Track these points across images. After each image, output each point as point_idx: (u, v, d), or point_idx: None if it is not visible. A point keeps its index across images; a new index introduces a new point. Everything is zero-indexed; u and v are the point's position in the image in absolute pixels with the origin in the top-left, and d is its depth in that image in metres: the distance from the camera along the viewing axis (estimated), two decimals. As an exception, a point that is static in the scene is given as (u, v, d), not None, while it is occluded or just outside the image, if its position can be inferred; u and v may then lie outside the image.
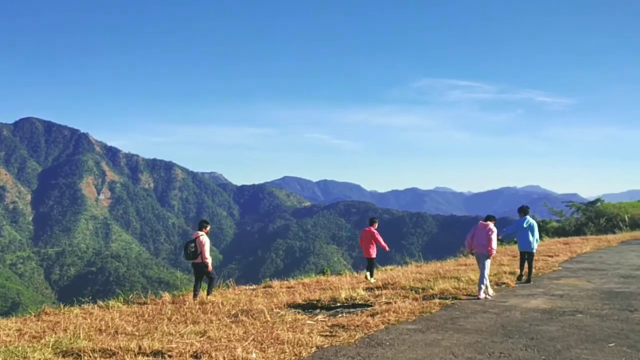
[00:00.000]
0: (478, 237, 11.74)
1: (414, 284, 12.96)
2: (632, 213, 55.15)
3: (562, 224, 51.33)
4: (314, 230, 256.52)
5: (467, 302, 10.65)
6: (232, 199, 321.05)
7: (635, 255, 19.30)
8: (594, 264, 16.98)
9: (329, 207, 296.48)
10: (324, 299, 11.41)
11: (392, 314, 9.37)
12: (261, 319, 9.52)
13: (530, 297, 11.12)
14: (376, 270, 18.31)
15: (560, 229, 47.10)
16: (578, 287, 12.25)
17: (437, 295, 11.14)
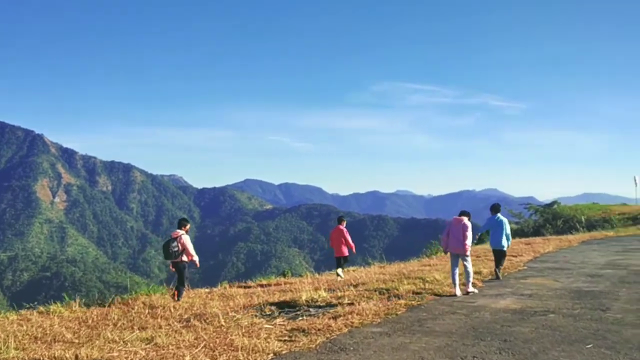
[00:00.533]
0: (453, 235, 11.50)
1: (378, 284, 12.41)
2: (588, 215, 56.18)
3: (521, 226, 51.81)
4: (276, 233, 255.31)
5: (434, 302, 10.13)
6: (193, 202, 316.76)
7: (597, 254, 19.20)
8: (558, 263, 16.75)
9: (291, 210, 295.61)
10: (284, 302, 10.77)
11: (356, 316, 8.76)
12: (215, 323, 8.80)
13: (498, 297, 10.68)
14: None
15: (520, 231, 47.50)
16: (546, 287, 11.88)
17: (402, 296, 10.60)
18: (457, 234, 11.42)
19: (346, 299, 10.63)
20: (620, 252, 19.75)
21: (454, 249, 11.51)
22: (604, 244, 24.01)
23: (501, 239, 13.36)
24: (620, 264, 16.03)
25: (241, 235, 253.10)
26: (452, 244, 11.53)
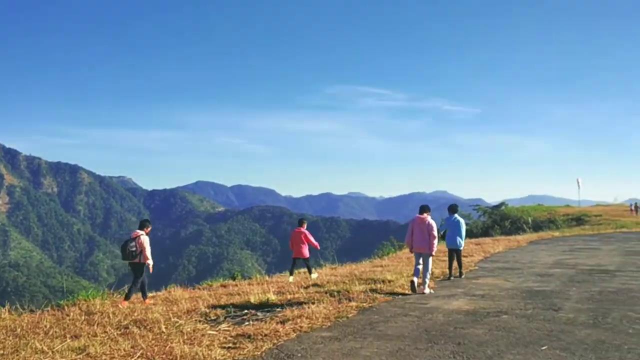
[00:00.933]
0: (417, 234, 11.42)
1: (329, 286, 12.06)
2: (534, 216, 57.62)
3: (470, 227, 52.61)
4: (228, 235, 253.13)
5: (386, 304, 9.83)
6: (143, 204, 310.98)
7: (546, 254, 19.40)
8: (508, 263, 16.79)
9: (243, 212, 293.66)
10: (231, 305, 10.28)
11: (305, 320, 8.37)
12: (155, 330, 8.25)
13: (451, 298, 10.46)
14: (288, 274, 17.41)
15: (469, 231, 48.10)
16: (498, 287, 11.77)
17: (353, 298, 10.26)
18: (422, 233, 11.34)
19: (295, 302, 10.25)
20: (567, 252, 20.03)
21: (419, 248, 11.44)
22: (552, 244, 24.38)
23: (458, 238, 13.49)
24: (568, 263, 16.17)
25: (192, 237, 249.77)
26: (417, 244, 11.46)
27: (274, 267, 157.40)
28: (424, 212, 11.72)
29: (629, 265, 15.27)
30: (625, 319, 8.10)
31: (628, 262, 16.20)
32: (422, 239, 11.34)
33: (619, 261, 16.49)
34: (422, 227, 11.38)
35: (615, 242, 24.07)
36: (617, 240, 25.26)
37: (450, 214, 13.90)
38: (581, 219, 52.86)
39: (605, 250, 20.23)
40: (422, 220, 11.46)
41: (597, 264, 15.75)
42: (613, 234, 31.19)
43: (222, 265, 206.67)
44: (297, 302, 10.25)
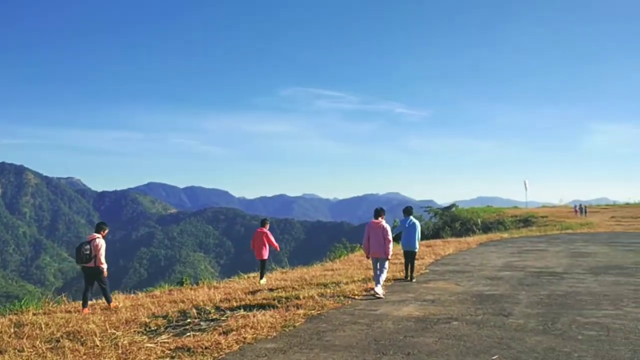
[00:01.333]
0: (374, 239, 11.42)
1: (278, 292, 11.70)
2: (483, 217, 58.67)
3: (421, 228, 53.23)
4: (180, 237, 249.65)
5: (335, 311, 9.53)
6: (92, 206, 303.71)
7: (495, 256, 19.52)
8: (459, 266, 16.77)
9: (196, 214, 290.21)
10: (172, 315, 9.80)
11: (250, 330, 7.99)
12: (89, 343, 7.73)
13: (401, 303, 10.25)
14: (238, 278, 17.02)
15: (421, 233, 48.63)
16: (448, 291, 11.64)
17: (302, 305, 9.92)
18: (377, 237, 11.36)
19: (241, 310, 9.85)
20: (515, 254, 20.21)
21: (375, 253, 11.45)
22: (501, 246, 24.62)
23: (413, 240, 13.55)
24: (517, 266, 16.25)
25: (144, 240, 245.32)
26: (373, 248, 11.46)
27: (227, 270, 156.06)
28: (379, 216, 11.70)
29: (575, 267, 15.44)
30: (574, 324, 8.03)
31: (574, 264, 16.40)
32: (378, 244, 11.35)
33: (566, 263, 16.68)
34: (377, 231, 11.40)
35: (562, 244, 24.49)
36: (563, 242, 25.72)
37: (405, 217, 13.95)
38: (528, 220, 54.00)
39: (552, 252, 20.50)
40: (377, 224, 11.48)
41: (545, 266, 15.87)
42: (559, 235, 31.80)
43: (175, 267, 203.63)
44: (243, 309, 9.86)
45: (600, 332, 7.51)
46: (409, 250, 13.68)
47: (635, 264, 15.82)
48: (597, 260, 17.23)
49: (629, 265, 15.54)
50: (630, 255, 18.36)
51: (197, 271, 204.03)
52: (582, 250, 21.05)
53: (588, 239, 26.91)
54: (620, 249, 20.76)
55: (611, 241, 25.04)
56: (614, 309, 9.19)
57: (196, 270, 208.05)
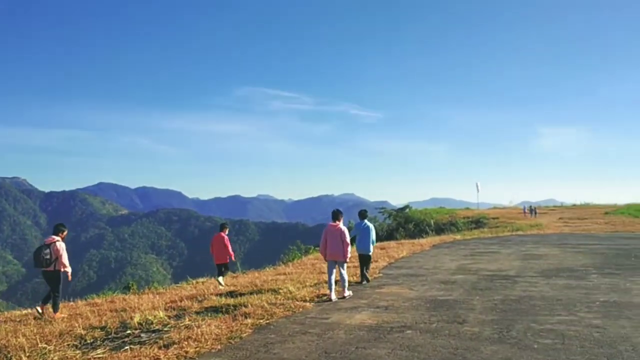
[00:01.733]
0: (331, 242, 11.36)
1: (226, 300, 11.21)
2: (436, 218, 59.29)
3: (375, 229, 53.39)
4: (132, 239, 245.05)
5: (285, 320, 9.11)
6: (39, 207, 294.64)
7: (449, 258, 19.46)
8: (412, 269, 16.59)
9: (149, 215, 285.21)
10: (111, 325, 9.19)
11: (193, 342, 7.49)
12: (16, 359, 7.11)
13: (353, 310, 9.91)
14: (186, 284, 16.45)
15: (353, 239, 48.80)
16: (402, 296, 11.36)
17: (250, 314, 9.46)
18: (335, 240, 11.31)
19: (186, 319, 9.32)
20: (468, 256, 20.21)
21: (332, 255, 11.37)
22: (454, 248, 24.67)
23: (368, 243, 13.69)
24: (470, 269, 16.18)
25: (93, 241, 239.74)
26: (330, 251, 11.38)
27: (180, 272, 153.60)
28: (337, 218, 11.63)
29: (527, 270, 15.44)
30: (530, 332, 7.84)
31: (527, 266, 16.43)
32: (336, 247, 11.29)
33: (518, 266, 16.70)
34: (335, 234, 11.35)
35: (513, 246, 24.71)
36: (515, 244, 25.97)
37: (360, 220, 14.04)
38: (480, 221, 54.75)
39: (504, 254, 20.59)
40: (335, 227, 11.43)
41: (498, 269, 15.84)
42: (510, 237, 32.19)
43: (125, 270, 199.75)
44: (187, 319, 9.34)
45: (556, 340, 7.33)
46: (364, 254, 13.75)
47: (584, 267, 15.95)
48: (548, 262, 17.33)
49: (578, 268, 15.65)
50: (579, 257, 18.56)
51: (148, 273, 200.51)
52: (533, 252, 21.23)
53: (538, 241, 27.26)
54: (570, 251, 21.01)
55: (560, 243, 25.41)
56: (567, 314, 9.07)
57: (148, 272, 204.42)
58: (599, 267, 15.68)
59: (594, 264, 16.65)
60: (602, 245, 23.13)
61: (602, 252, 20.32)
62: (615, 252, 19.93)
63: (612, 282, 12.77)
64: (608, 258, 18.16)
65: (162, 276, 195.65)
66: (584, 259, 18.18)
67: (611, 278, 13.40)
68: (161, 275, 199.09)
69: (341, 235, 11.28)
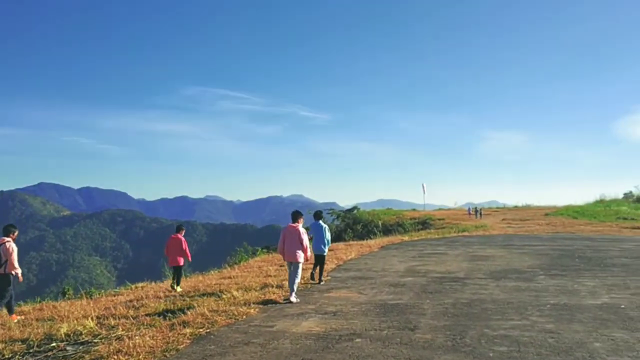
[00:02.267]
0: (289, 243, 11.27)
1: (166, 305, 10.54)
2: (384, 219, 59.48)
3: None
4: (74, 241, 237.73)
5: (227, 329, 8.51)
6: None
7: (397, 260, 19.22)
8: (361, 271, 16.23)
9: (92, 217, 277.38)
10: (35, 337, 8.39)
11: (123, 357, 6.84)
12: None
13: (300, 317, 9.41)
14: (124, 288, 15.63)
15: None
16: (351, 301, 10.94)
17: (189, 322, 8.83)
18: (293, 241, 11.25)
19: (119, 329, 8.62)
20: (417, 258, 20.04)
21: (290, 257, 11.27)
22: (402, 249, 24.51)
23: (322, 244, 13.79)
24: (419, 271, 15.95)
25: (34, 243, 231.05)
26: (288, 252, 11.30)
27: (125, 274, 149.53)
28: (297, 220, 11.62)
29: (476, 272, 15.32)
30: (484, 339, 7.52)
31: (475, 268, 16.33)
32: (294, 248, 11.23)
33: (466, 267, 16.59)
34: (294, 235, 11.29)
35: (460, 247, 24.75)
36: (462, 245, 26.05)
37: (315, 220, 14.12)
38: (427, 222, 55.18)
39: (452, 256, 20.53)
40: (294, 228, 11.38)
41: (447, 271, 15.66)
42: (457, 238, 32.38)
43: (68, 273, 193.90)
44: (120, 329, 8.64)
45: (511, 348, 7.02)
46: (318, 254, 13.84)
47: (531, 268, 15.96)
48: (495, 264, 17.30)
49: (526, 270, 15.64)
50: (525, 259, 18.64)
51: (92, 276, 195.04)
52: (480, 253, 21.25)
53: (484, 242, 27.43)
54: (516, 252, 21.13)
55: (506, 244, 25.62)
56: (520, 318, 8.83)
57: (91, 275, 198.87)
58: (545, 269, 15.72)
59: (540, 265, 16.70)
60: (546, 246, 23.42)
61: (546, 253, 20.51)
62: (559, 253, 20.14)
63: (560, 283, 12.72)
64: (553, 259, 18.30)
65: (107, 279, 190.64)
66: (530, 260, 18.25)
67: (558, 279, 13.37)
68: (105, 277, 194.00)
69: (299, 236, 11.21)
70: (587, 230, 36.38)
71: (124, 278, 20.91)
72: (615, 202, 61.09)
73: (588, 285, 12.31)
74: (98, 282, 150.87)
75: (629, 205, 57.26)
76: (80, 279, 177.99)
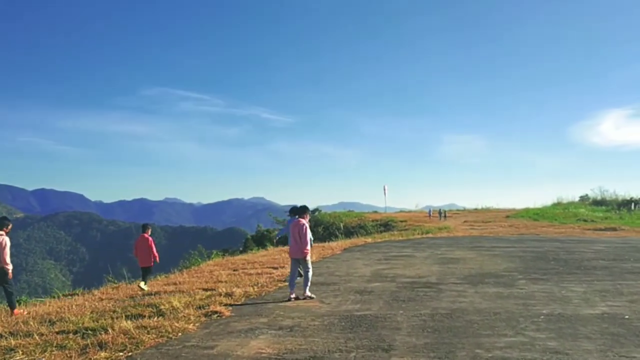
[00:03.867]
0: (295, 239, 10.80)
1: (88, 321, 8.71)
2: (346, 221, 58.33)
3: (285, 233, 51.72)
4: (27, 244, 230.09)
5: (154, 351, 6.75)
6: None
7: (362, 263, 17.70)
8: (323, 276, 14.64)
9: (47, 219, 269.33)
10: None
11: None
12: None
13: (249, 333, 7.70)
14: (50, 298, 13.74)
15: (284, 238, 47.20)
16: (311, 312, 9.28)
17: (109, 343, 7.05)
18: (299, 237, 10.76)
19: (19, 353, 6.81)
20: (383, 261, 18.58)
21: (296, 253, 10.89)
22: (365, 251, 23.03)
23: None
24: (387, 275, 14.46)
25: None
26: (293, 249, 10.94)
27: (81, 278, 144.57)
28: (304, 214, 11.08)
29: (449, 276, 13.92)
30: (477, 362, 6.01)
31: (447, 272, 14.93)
32: (300, 244, 10.79)
33: (437, 271, 15.19)
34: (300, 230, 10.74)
35: (427, 249, 23.44)
36: (428, 247, 24.75)
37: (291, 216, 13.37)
38: (388, 224, 54.28)
39: (419, 258, 19.15)
40: (297, 223, 10.84)
41: (417, 275, 14.21)
42: (422, 240, 31.13)
43: (20, 277, 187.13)
44: (22, 352, 6.83)
45: (516, 377, 5.52)
46: None
47: (507, 271, 14.65)
48: (468, 267, 15.96)
49: (502, 273, 14.32)
50: (498, 261, 17.38)
51: (46, 280, 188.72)
52: (449, 255, 19.94)
53: (451, 244, 26.24)
54: (486, 254, 19.89)
55: (473, 245, 24.44)
56: (514, 333, 7.32)
57: (45, 279, 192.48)
58: (523, 272, 14.42)
59: (516, 268, 15.44)
60: (516, 248, 22.28)
61: (518, 255, 19.33)
62: (532, 256, 18.97)
63: (544, 289, 11.38)
64: (527, 262, 17.08)
65: (61, 283, 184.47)
66: (504, 262, 16.99)
67: (541, 285, 12.04)
68: (60, 282, 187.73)
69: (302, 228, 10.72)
70: (551, 232, 35.70)
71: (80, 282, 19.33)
72: (572, 205, 61.89)
73: (577, 291, 10.98)
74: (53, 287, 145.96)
75: (586, 208, 57.87)
76: (33, 283, 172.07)
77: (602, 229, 37.97)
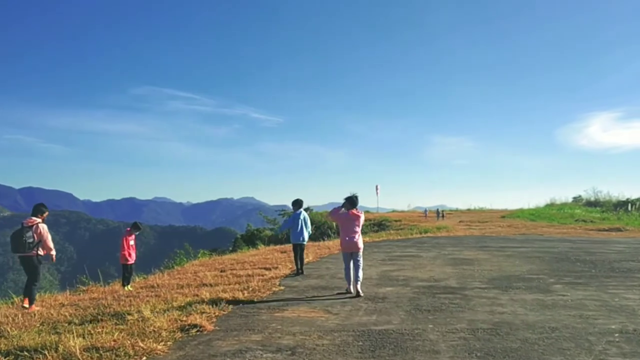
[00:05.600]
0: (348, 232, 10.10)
1: (29, 339, 6.76)
2: (338, 221, 56.76)
3: (275, 232, 50.42)
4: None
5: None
6: None
7: (365, 264, 15.62)
8: (323, 278, 12.73)
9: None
10: None
11: None
12: None
13: (236, 357, 5.80)
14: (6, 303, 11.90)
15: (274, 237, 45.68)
16: (316, 325, 7.35)
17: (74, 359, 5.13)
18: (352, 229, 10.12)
19: None
20: (387, 261, 16.73)
21: (350, 247, 10.15)
22: (366, 251, 20.88)
23: (304, 233, 13.54)
24: (396, 278, 12.59)
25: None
26: (347, 242, 10.16)
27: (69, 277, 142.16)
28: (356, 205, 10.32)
29: (469, 279, 12.07)
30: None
31: (464, 274, 13.10)
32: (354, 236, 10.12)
33: (452, 273, 13.34)
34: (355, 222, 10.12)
35: (432, 249, 21.62)
36: (432, 246, 22.95)
37: (295, 209, 13.72)
38: (383, 224, 53.00)
39: (427, 258, 17.33)
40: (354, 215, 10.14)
41: (432, 278, 12.34)
42: (422, 239, 29.36)
43: (7, 276, 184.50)
44: None
45: None
46: (298, 244, 13.48)
47: (533, 274, 12.83)
48: (485, 269, 14.13)
49: (529, 276, 12.48)
50: (516, 262, 15.59)
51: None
52: (459, 256, 18.13)
53: (455, 243, 24.49)
54: (499, 255, 18.08)
55: (480, 245, 22.66)
56: (594, 359, 5.48)
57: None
58: (551, 275, 12.62)
59: (541, 270, 13.64)
60: (528, 249, 20.50)
61: (535, 256, 17.54)
62: (551, 257, 17.18)
63: (591, 296, 9.55)
64: (550, 263, 15.29)
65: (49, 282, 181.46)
66: (523, 264, 15.19)
67: (583, 290, 10.22)
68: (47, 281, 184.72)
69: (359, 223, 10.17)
70: (554, 232, 34.03)
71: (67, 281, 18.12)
72: (567, 206, 61.85)
73: (634, 299, 9.15)
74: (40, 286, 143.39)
75: (581, 209, 57.45)
76: (20, 282, 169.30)
77: (605, 230, 36.43)
